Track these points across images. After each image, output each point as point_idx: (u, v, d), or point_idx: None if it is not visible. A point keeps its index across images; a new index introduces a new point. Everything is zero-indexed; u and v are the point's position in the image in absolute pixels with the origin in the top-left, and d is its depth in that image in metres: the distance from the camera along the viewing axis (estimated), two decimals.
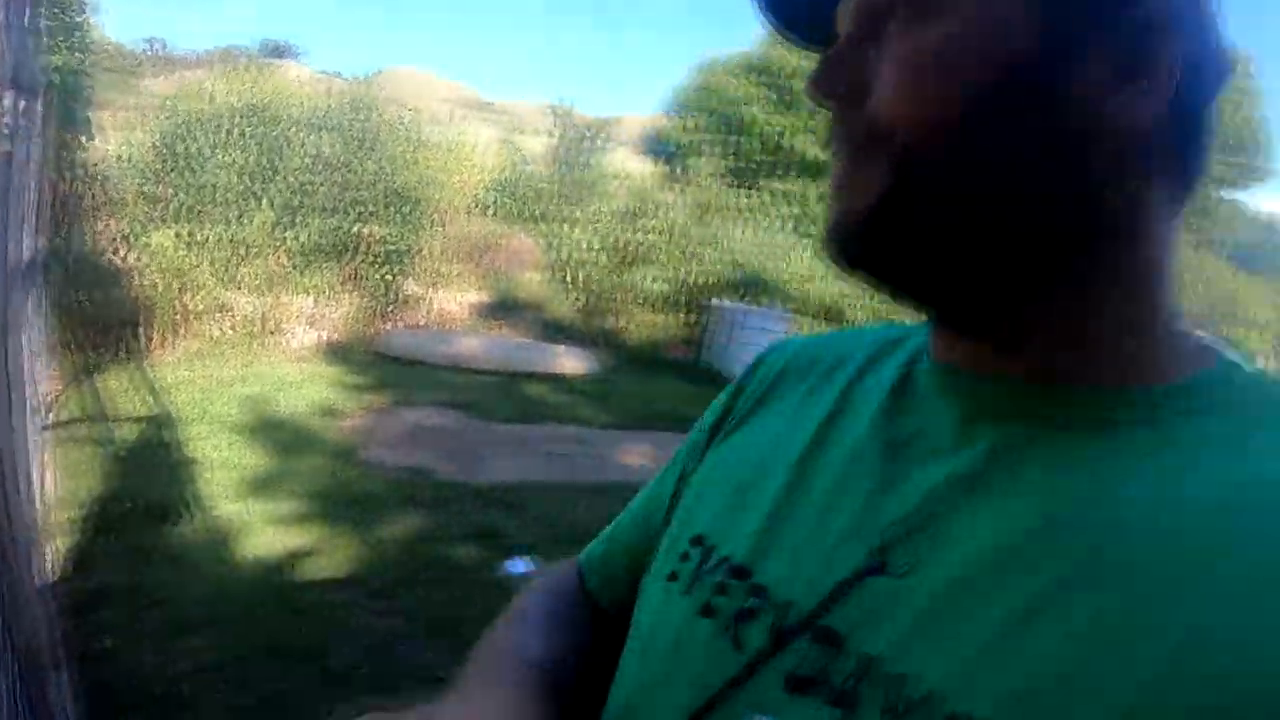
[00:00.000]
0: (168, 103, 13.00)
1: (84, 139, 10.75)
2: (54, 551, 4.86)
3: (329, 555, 5.50)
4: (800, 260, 16.12)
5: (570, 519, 6.65)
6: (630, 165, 19.50)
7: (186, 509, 5.93)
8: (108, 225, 11.05)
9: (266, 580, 5.08)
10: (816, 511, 0.69)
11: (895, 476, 0.66)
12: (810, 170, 20.36)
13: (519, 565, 5.66)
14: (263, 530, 5.74)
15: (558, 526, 6.46)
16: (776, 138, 20.37)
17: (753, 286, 14.85)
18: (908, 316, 0.83)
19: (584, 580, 1.04)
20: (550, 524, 6.50)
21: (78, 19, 9.63)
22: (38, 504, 4.88)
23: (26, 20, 2.86)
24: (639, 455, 8.81)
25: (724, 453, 0.86)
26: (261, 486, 6.52)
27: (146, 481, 6.32)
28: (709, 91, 21.88)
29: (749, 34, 23.46)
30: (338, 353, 11.30)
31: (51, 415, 7.27)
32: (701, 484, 0.84)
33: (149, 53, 17.82)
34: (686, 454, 0.95)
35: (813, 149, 20.19)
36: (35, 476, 5.23)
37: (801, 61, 21.24)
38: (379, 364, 11.09)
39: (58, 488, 5.82)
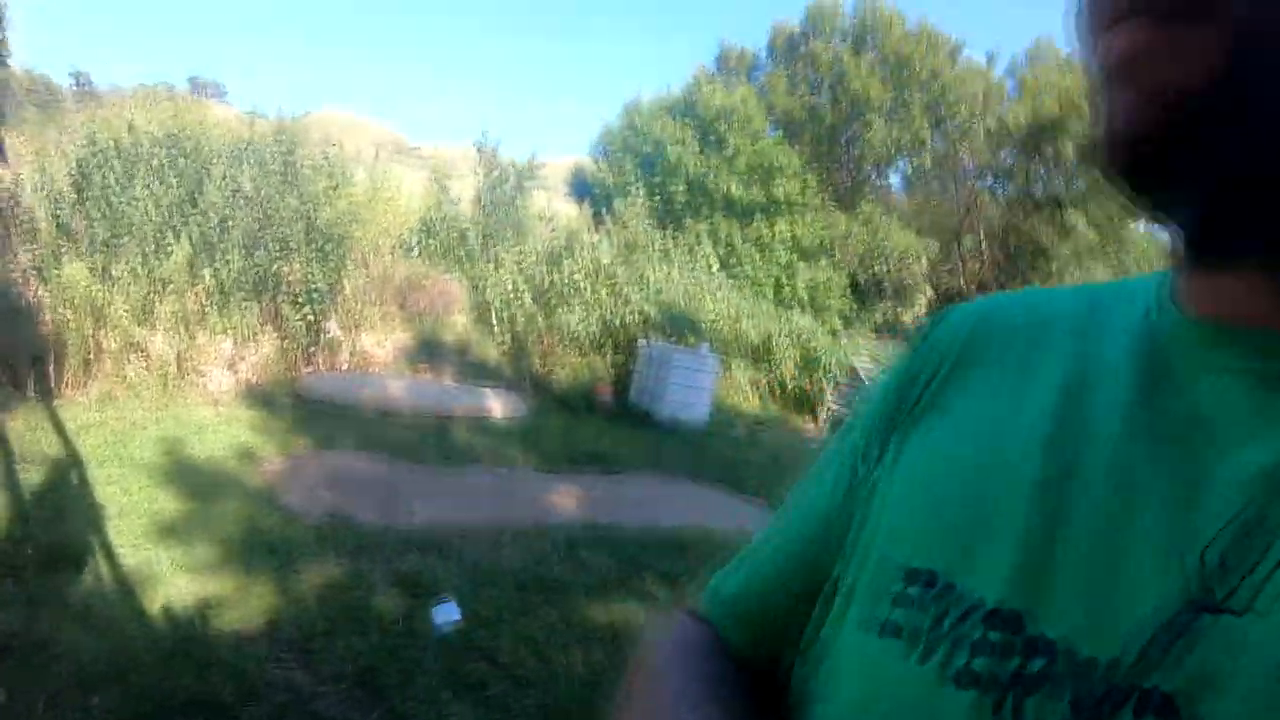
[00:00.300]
0: (85, 129, 12.67)
1: None
2: None
3: (244, 605, 5.27)
4: (727, 300, 16.24)
5: (499, 563, 6.50)
6: (557, 207, 19.52)
7: (93, 555, 5.67)
8: (18, 255, 10.66)
9: (177, 631, 4.85)
10: (1095, 531, 0.52)
11: (1191, 474, 0.50)
12: (735, 211, 20.63)
13: (445, 612, 5.49)
14: (175, 578, 5.50)
15: (486, 571, 6.31)
16: (701, 179, 20.59)
17: (680, 326, 14.86)
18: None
19: (718, 631, 0.81)
20: (478, 568, 6.34)
21: None
22: None
23: None
24: (568, 497, 8.71)
25: (920, 452, 0.66)
26: (174, 532, 6.26)
27: (52, 526, 6.04)
28: (635, 133, 22.10)
29: (675, 78, 23.84)
30: (257, 395, 10.99)
31: None
32: (901, 495, 0.65)
33: (74, 87, 17.50)
34: (856, 452, 0.73)
35: (737, 189, 20.49)
36: None
37: (725, 103, 21.67)
38: (300, 407, 10.82)
39: None
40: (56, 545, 5.70)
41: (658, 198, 20.22)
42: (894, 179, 28.76)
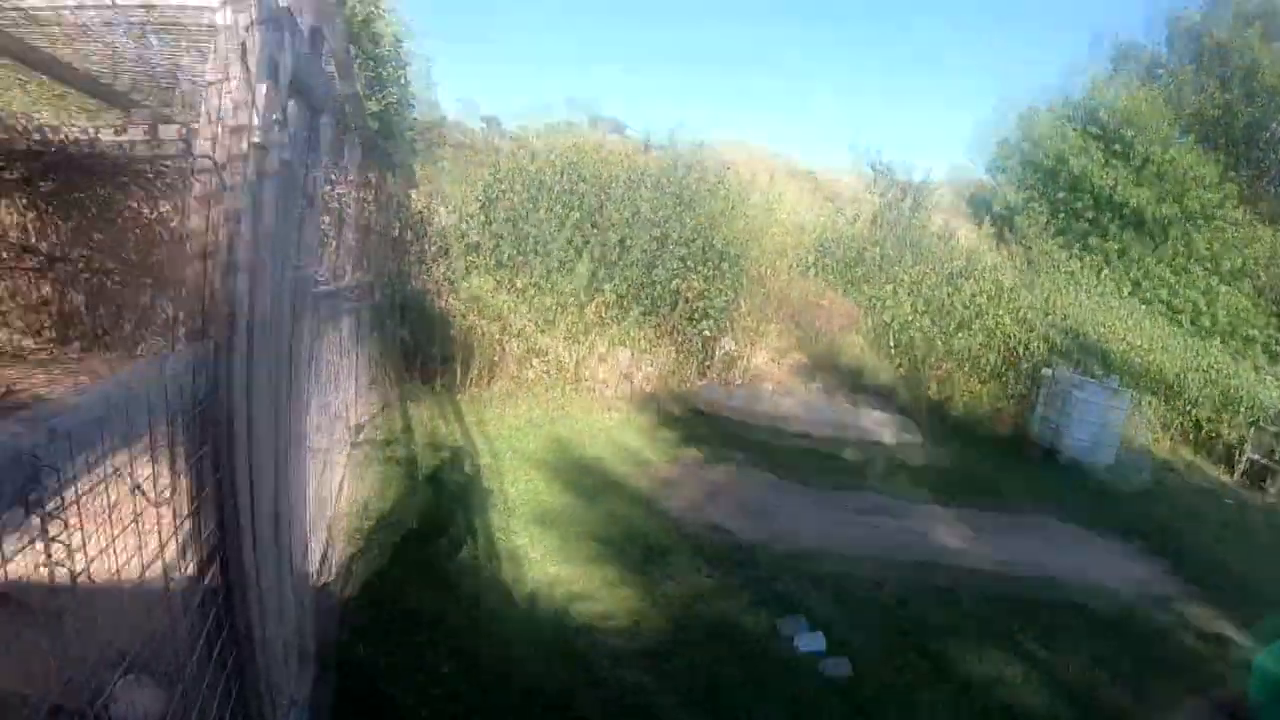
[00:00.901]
0: (493, 160, 13.67)
1: (410, 190, 11.43)
2: (337, 558, 4.92)
3: (608, 602, 5.29)
4: (1138, 327, 14.80)
5: (874, 597, 6.17)
6: (955, 225, 18.75)
7: (474, 536, 5.93)
8: (432, 270, 11.68)
9: (535, 617, 4.93)
10: None
11: None
12: (1145, 227, 18.62)
13: (809, 642, 5.23)
14: (546, 566, 5.64)
15: (859, 602, 6.00)
16: (1108, 192, 18.80)
17: (1086, 355, 13.67)
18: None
19: None
20: (851, 599, 6.04)
21: (396, 72, 10.33)
22: (329, 514, 4.99)
23: (305, 33, 2.85)
24: (954, 534, 8.18)
25: None
26: (554, 523, 6.45)
27: (442, 505, 6.42)
28: (1033, 144, 20.59)
29: (1069, 81, 21.43)
30: (650, 404, 11.28)
31: (363, 435, 7.60)
32: None
33: (484, 129, 19.12)
34: None
35: (1150, 204, 18.48)
36: (335, 489, 5.40)
37: (1128, 107, 19.58)
38: (691, 419, 10.99)
39: (355, 501, 5.99)
40: (443, 523, 6.04)
41: (1061, 214, 18.81)
42: None
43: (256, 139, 2.38)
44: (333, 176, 6.39)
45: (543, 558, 5.77)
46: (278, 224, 2.66)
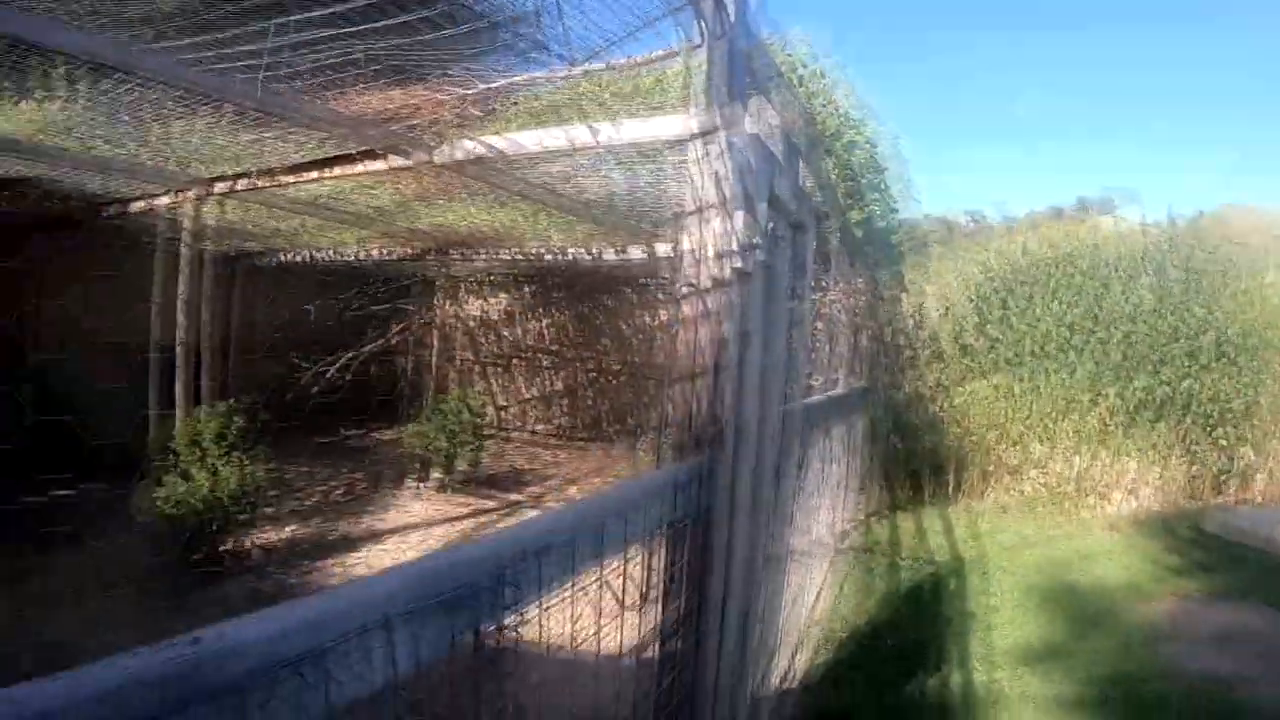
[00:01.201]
0: (984, 258, 13.30)
1: (899, 293, 11.44)
2: (804, 666, 4.92)
3: None
4: None
5: None
6: None
7: (949, 662, 5.68)
8: (926, 373, 11.53)
9: None
10: None
11: None
12: None
13: None
14: (1022, 709, 5.26)
15: None
16: None
17: None
18: None
19: None
20: None
21: (875, 178, 10.40)
22: (802, 620, 5.02)
23: (779, 155, 2.96)
24: None
25: None
26: (1035, 659, 6.07)
27: (919, 624, 6.24)
28: None
29: None
30: (1156, 524, 10.36)
31: (847, 542, 7.60)
32: None
33: (969, 224, 18.78)
34: None
35: None
36: (812, 596, 5.43)
37: None
38: (1202, 543, 9.92)
39: (831, 609, 5.97)
40: (919, 644, 5.85)
41: None
42: None
43: (738, 264, 2.47)
44: (824, 284, 6.56)
45: (1018, 699, 5.45)
46: (763, 342, 2.75)
